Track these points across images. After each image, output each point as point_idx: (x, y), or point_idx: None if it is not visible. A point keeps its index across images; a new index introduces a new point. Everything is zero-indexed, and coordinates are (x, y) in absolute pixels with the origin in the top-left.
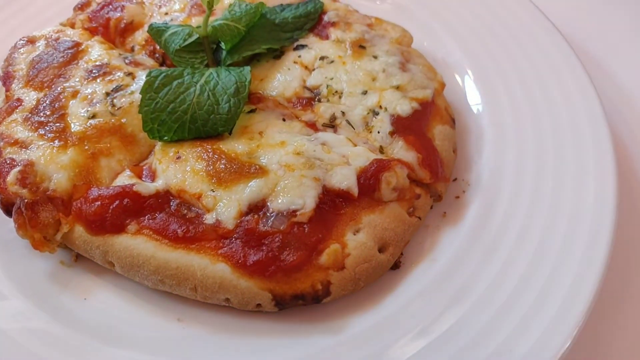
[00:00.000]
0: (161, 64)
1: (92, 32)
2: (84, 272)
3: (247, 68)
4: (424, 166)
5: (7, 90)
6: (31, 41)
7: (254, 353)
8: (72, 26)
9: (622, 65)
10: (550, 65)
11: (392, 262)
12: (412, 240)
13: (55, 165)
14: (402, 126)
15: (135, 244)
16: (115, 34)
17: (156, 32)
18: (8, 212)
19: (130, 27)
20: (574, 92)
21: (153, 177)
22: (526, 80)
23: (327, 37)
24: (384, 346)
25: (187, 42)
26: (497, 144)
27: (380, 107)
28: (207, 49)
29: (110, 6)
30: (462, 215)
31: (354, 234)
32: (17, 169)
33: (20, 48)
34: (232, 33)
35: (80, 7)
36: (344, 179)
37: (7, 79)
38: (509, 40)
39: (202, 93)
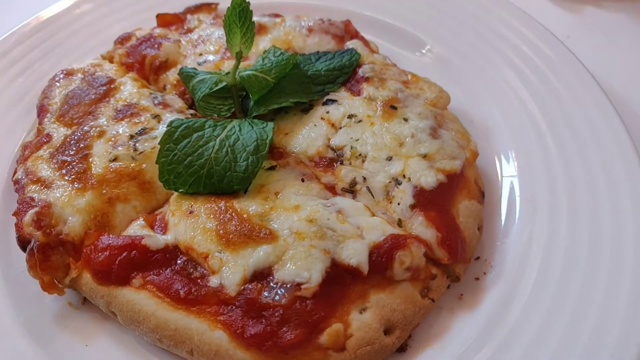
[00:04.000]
0: (190, 106)
1: (128, 67)
2: (90, 316)
3: (270, 125)
4: (443, 246)
5: (39, 124)
6: (69, 74)
7: None
8: (111, 59)
9: None
10: (599, 146)
11: (397, 346)
12: (423, 321)
13: (72, 209)
14: (425, 200)
15: (138, 299)
16: (149, 71)
17: (185, 77)
18: (25, 249)
19: (165, 66)
20: (622, 182)
21: (165, 229)
22: (569, 156)
23: (359, 93)
24: None
25: (214, 90)
26: (527, 224)
27: (404, 176)
28: (234, 97)
29: (148, 42)
30: (480, 300)
31: (360, 313)
32: (34, 210)
33: (57, 81)
34: (260, 84)
35: (121, 41)
36: (355, 254)
37: (42, 111)
38: (553, 105)
39: (220, 148)
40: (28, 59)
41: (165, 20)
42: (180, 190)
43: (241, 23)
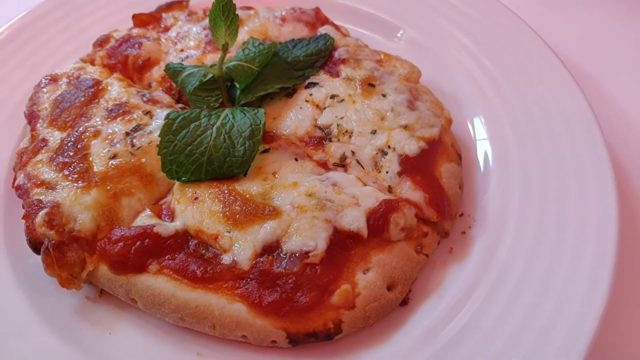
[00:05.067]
0: (177, 101)
1: (111, 68)
2: (108, 306)
3: (262, 110)
4: (431, 205)
5: (32, 130)
6: (54, 79)
7: None
8: (92, 62)
9: (623, 91)
10: (556, 101)
11: (400, 300)
12: (419, 276)
13: (80, 206)
14: (410, 166)
15: (157, 283)
16: (133, 70)
17: (173, 72)
18: (36, 250)
19: (148, 64)
20: (578, 129)
21: (172, 216)
22: (531, 114)
23: (337, 74)
24: None
25: (202, 82)
26: (502, 179)
27: (389, 147)
28: (222, 87)
29: (128, 43)
30: (468, 251)
31: (364, 273)
32: (45, 210)
33: (44, 87)
34: (246, 73)
35: (100, 44)
36: (354, 220)
37: (32, 118)
38: (516, 75)
39: (218, 136)
40: (5, 69)
41: (141, 20)
42: (183, 179)
43: (225, 16)
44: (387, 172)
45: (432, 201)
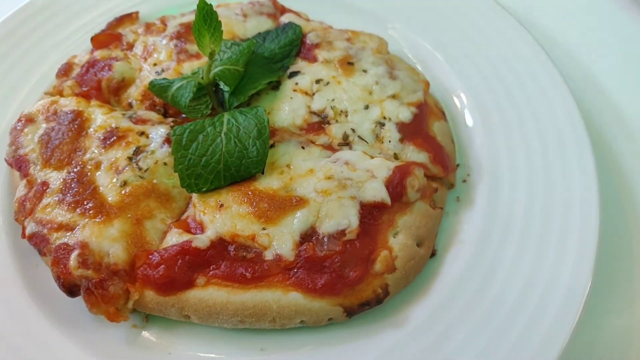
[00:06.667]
0: (164, 115)
1: (85, 96)
2: (158, 328)
3: (261, 109)
4: (435, 163)
5: (25, 175)
6: (29, 120)
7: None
8: (61, 94)
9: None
10: (514, 50)
11: (429, 253)
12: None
13: (107, 240)
14: (408, 131)
15: (208, 294)
16: (109, 94)
17: (159, 89)
18: (71, 293)
19: (123, 85)
20: (541, 76)
21: (202, 228)
22: (496, 67)
23: (314, 59)
24: (442, 332)
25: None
26: (484, 127)
27: (384, 117)
28: (211, 94)
29: (96, 67)
30: (474, 196)
31: (394, 237)
32: (76, 252)
33: (21, 129)
34: (234, 76)
35: (64, 73)
36: (376, 192)
37: (21, 163)
38: (475, 34)
39: (229, 142)
40: None
41: (101, 42)
42: (203, 190)
43: (208, 25)
44: (389, 142)
45: (436, 159)
